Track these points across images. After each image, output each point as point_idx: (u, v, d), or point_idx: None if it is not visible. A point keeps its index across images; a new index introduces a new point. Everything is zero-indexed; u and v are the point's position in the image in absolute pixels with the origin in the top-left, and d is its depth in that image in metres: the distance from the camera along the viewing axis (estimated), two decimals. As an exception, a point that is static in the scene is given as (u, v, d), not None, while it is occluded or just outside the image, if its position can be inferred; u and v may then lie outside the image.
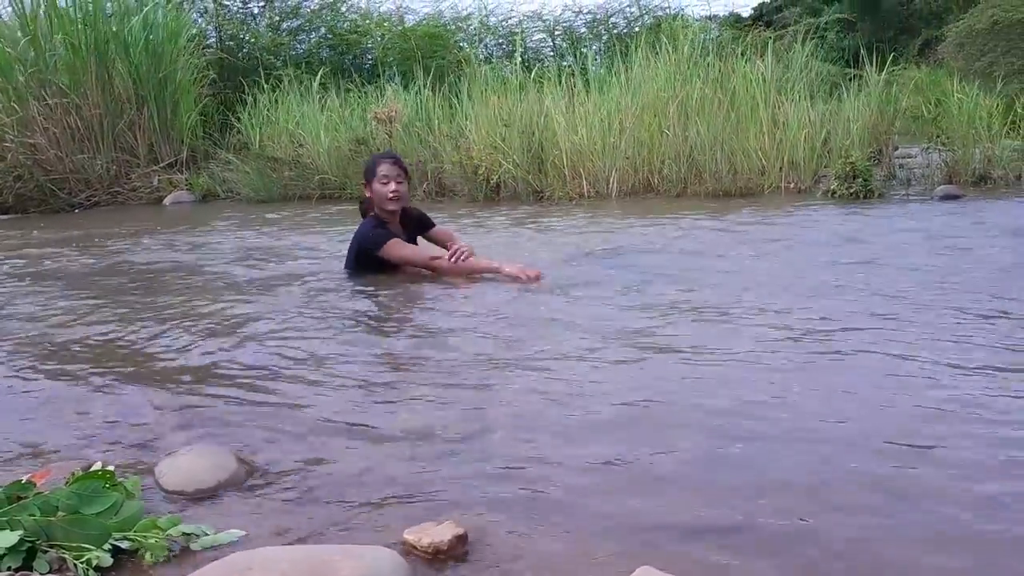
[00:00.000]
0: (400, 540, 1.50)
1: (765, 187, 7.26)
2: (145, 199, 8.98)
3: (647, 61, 7.96)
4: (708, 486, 1.70)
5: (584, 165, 7.62)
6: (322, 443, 2.02)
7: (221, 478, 1.80)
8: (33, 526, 1.46)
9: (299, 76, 9.53)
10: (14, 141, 8.60)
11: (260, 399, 2.35)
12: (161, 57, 9.11)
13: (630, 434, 1.99)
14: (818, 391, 2.25)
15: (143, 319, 3.38)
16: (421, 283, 3.85)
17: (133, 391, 2.45)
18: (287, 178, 8.64)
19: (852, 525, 1.52)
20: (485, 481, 1.76)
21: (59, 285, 4.28)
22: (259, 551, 1.29)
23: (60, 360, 2.82)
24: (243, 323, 3.25)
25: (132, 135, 9.11)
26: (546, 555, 1.46)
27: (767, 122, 7.32)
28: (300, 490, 1.79)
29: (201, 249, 5.49)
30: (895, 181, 7.34)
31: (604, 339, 2.80)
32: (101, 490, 1.54)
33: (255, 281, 4.21)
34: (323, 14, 11.93)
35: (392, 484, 1.78)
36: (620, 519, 1.57)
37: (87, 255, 5.37)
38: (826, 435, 1.94)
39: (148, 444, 2.05)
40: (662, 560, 1.34)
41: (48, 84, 8.70)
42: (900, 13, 23.03)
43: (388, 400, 2.32)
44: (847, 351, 2.58)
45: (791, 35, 9.26)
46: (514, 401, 2.25)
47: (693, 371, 2.45)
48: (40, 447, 2.04)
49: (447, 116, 8.49)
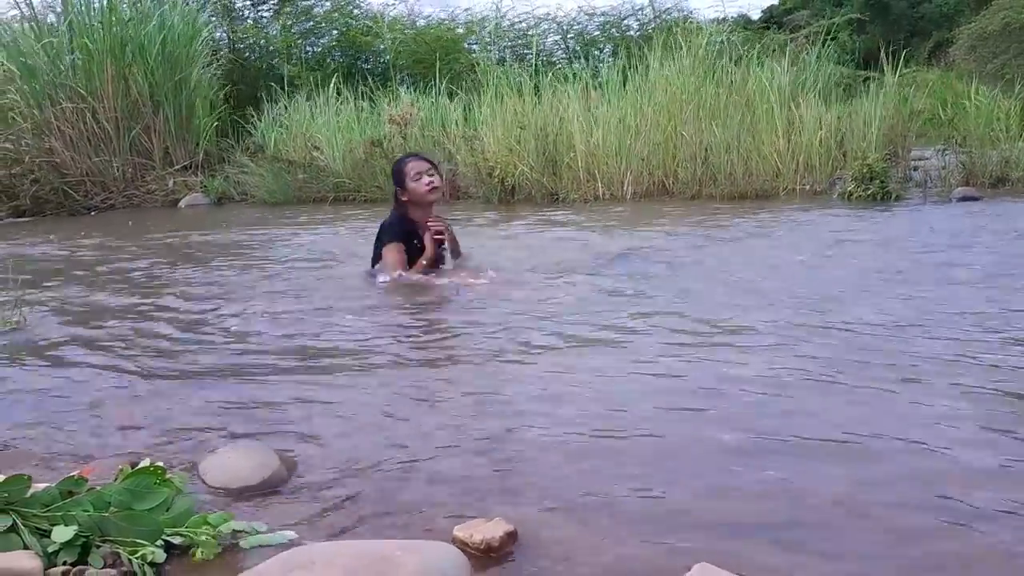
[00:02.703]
0: (450, 537, 1.50)
1: (780, 189, 7.26)
2: (160, 202, 9.02)
3: (662, 64, 7.96)
4: (760, 485, 1.70)
5: (599, 167, 7.63)
6: (361, 440, 2.03)
7: (264, 475, 1.80)
8: (87, 521, 1.47)
9: (312, 79, 9.57)
10: (31, 144, 8.64)
11: (297, 397, 2.36)
12: (177, 61, 9.15)
13: (676, 433, 1.99)
14: (874, 395, 2.22)
15: (178, 318, 3.42)
16: (449, 283, 3.86)
17: (172, 389, 2.47)
18: (301, 180, 8.67)
19: (899, 527, 1.52)
20: (529, 479, 1.76)
21: (95, 284, 4.32)
22: (318, 546, 1.30)
23: (101, 357, 2.85)
24: (276, 322, 3.28)
25: (148, 138, 9.16)
26: (597, 553, 1.46)
27: (782, 124, 7.32)
28: (342, 487, 1.79)
29: (225, 250, 5.51)
30: (911, 183, 7.33)
31: (642, 337, 2.81)
32: (152, 486, 1.55)
33: (287, 280, 4.25)
34: (334, 17, 11.97)
35: (435, 481, 1.79)
36: (670, 517, 1.56)
37: (117, 256, 5.40)
38: (876, 437, 1.93)
39: (188, 441, 2.06)
40: (717, 558, 1.34)
41: (65, 88, 8.75)
42: (910, 16, 23.00)
43: (427, 398, 2.33)
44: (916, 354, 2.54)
45: (804, 37, 9.26)
46: (554, 400, 2.25)
47: (736, 370, 2.44)
48: (83, 443, 2.05)
49: (462, 118, 8.51)
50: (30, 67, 8.83)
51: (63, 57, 8.89)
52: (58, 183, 8.67)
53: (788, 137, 7.34)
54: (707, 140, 7.32)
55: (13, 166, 8.51)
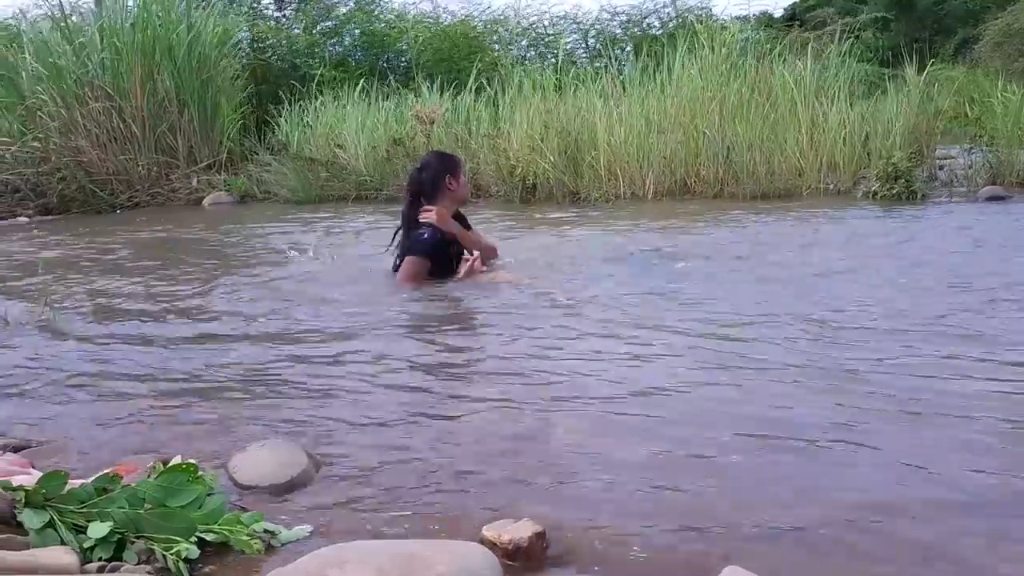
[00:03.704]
0: (478, 537, 1.51)
1: (803, 189, 7.21)
2: (184, 200, 9.09)
3: (684, 62, 7.93)
4: (791, 488, 1.69)
5: (621, 166, 7.61)
6: (387, 440, 2.04)
7: (293, 474, 1.82)
8: (122, 518, 1.49)
9: (335, 77, 9.62)
10: (58, 143, 8.75)
11: (324, 395, 2.38)
12: (203, 61, 9.23)
13: (706, 435, 1.98)
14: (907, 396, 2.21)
15: (205, 316, 3.45)
16: (473, 284, 3.87)
17: (200, 386, 2.50)
18: (323, 179, 8.72)
19: (934, 531, 1.51)
20: (555, 480, 1.77)
21: (124, 280, 4.37)
22: (352, 545, 1.31)
23: (129, 354, 2.89)
24: (303, 321, 3.31)
25: (172, 137, 9.24)
26: (626, 555, 1.46)
27: (806, 123, 7.27)
28: (370, 486, 1.80)
29: (248, 248, 5.56)
30: (936, 182, 7.25)
31: (671, 337, 2.80)
32: (185, 483, 1.57)
33: (314, 279, 4.27)
34: (356, 15, 12.01)
35: (462, 481, 1.80)
36: (700, 519, 1.56)
37: (145, 252, 5.47)
38: (913, 440, 1.92)
39: (217, 439, 2.08)
40: (748, 561, 1.34)
41: (93, 87, 8.85)
42: (935, 13, 22.73)
43: (452, 398, 2.34)
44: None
45: (828, 35, 9.18)
46: (582, 401, 2.25)
47: (766, 369, 2.43)
48: (114, 440, 2.09)
49: (485, 117, 8.52)
50: (58, 67, 8.94)
51: (92, 57, 8.99)
52: (85, 182, 8.77)
53: (811, 136, 7.28)
54: (730, 139, 7.28)
55: (41, 165, 8.62)
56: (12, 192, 8.51)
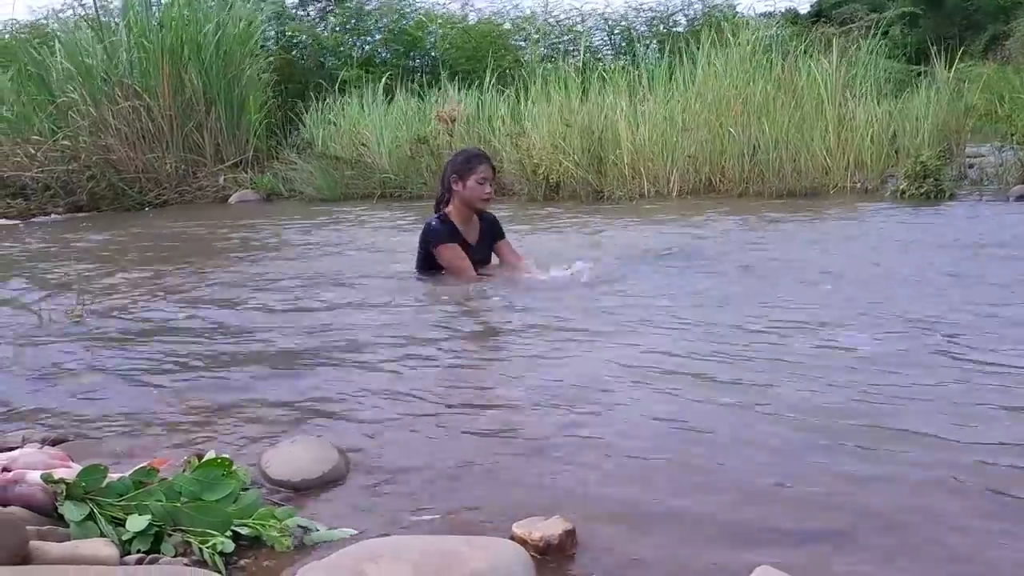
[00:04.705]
0: (508, 534, 1.52)
1: (830, 187, 7.15)
2: (211, 198, 9.21)
3: (710, 59, 7.89)
4: (823, 490, 1.68)
5: (644, 164, 7.60)
6: (418, 436, 2.06)
7: (324, 470, 1.84)
8: (160, 511, 1.52)
9: (362, 76, 9.68)
10: (88, 142, 8.89)
11: (354, 392, 2.40)
12: (230, 59, 9.34)
13: (739, 436, 1.97)
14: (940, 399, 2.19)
15: (237, 313, 3.50)
16: (500, 281, 3.88)
17: (231, 382, 2.54)
18: (348, 177, 8.78)
19: (966, 534, 1.50)
20: (585, 479, 1.77)
21: (156, 277, 4.44)
22: (385, 540, 1.33)
23: (160, 351, 2.93)
24: (334, 318, 3.35)
25: (200, 135, 9.36)
26: (657, 554, 1.46)
27: (833, 121, 7.21)
28: (400, 483, 1.82)
29: (280, 245, 5.62)
30: (966, 181, 7.16)
31: (702, 337, 2.80)
32: (220, 478, 1.60)
33: (344, 276, 4.31)
34: (384, 14, 12.06)
35: (491, 479, 1.81)
36: (732, 520, 1.56)
37: (174, 247, 5.54)
38: (944, 443, 1.90)
39: (249, 435, 2.11)
40: (779, 563, 1.34)
41: (122, 86, 8.98)
42: (964, 8, 22.40)
43: (484, 395, 2.36)
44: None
45: (856, 31, 9.09)
46: (612, 399, 2.25)
47: (800, 371, 2.41)
48: (144, 436, 2.12)
49: (509, 115, 8.54)
50: (88, 66, 9.07)
51: (121, 56, 9.12)
52: (114, 180, 8.91)
53: (838, 134, 7.22)
54: (755, 137, 7.24)
55: (71, 163, 8.76)
56: (43, 190, 8.66)
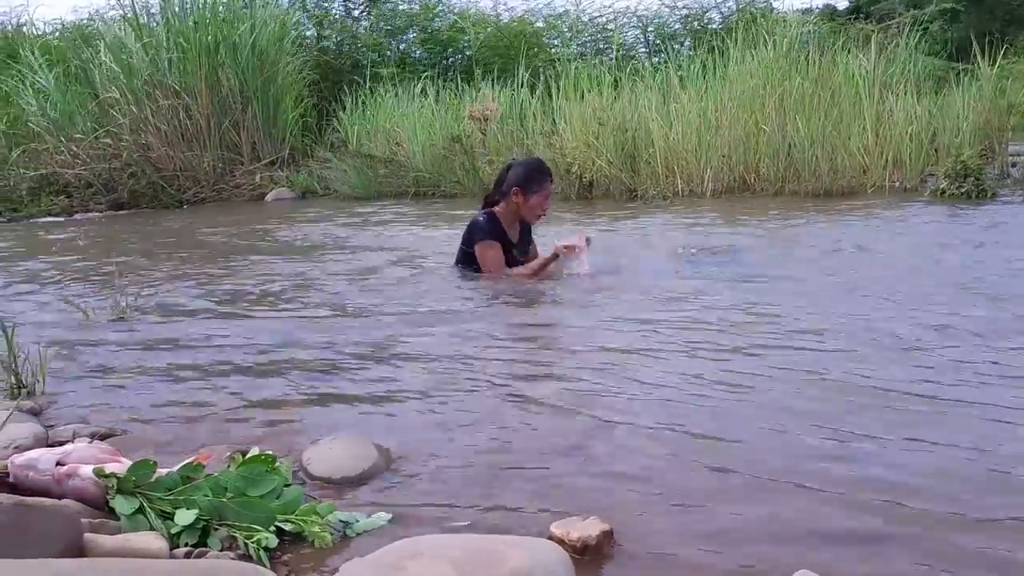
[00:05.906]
0: (546, 534, 1.54)
1: (867, 186, 7.05)
2: (248, 196, 9.34)
3: (744, 56, 7.83)
4: (860, 494, 1.67)
5: (678, 163, 7.56)
6: (456, 435, 2.08)
7: (364, 467, 1.88)
8: (207, 506, 1.56)
9: (398, 75, 9.75)
10: (129, 140, 9.06)
11: (393, 391, 2.43)
12: (266, 58, 9.46)
13: (775, 438, 1.97)
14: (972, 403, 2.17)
15: (274, 312, 3.56)
16: (537, 281, 3.90)
17: (271, 381, 2.58)
18: (382, 175, 8.85)
19: (998, 539, 1.49)
20: (623, 480, 1.78)
21: (193, 274, 4.52)
22: (425, 538, 1.35)
23: (201, 348, 2.99)
24: (371, 317, 3.39)
25: (236, 134, 9.50)
26: (694, 556, 1.47)
27: (871, 119, 7.11)
28: (438, 481, 1.84)
29: (317, 243, 5.68)
30: (1008, 180, 7.02)
31: (737, 338, 2.79)
32: (264, 474, 1.63)
33: (380, 276, 4.37)
34: (420, 14, 12.13)
35: (529, 478, 1.82)
36: (769, 523, 1.56)
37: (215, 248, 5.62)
38: (975, 448, 1.89)
39: (291, 432, 2.15)
40: (817, 567, 1.34)
41: (161, 86, 9.14)
42: (1006, 4, 21.93)
43: (517, 396, 2.36)
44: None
45: (895, 27, 8.96)
46: (649, 401, 2.26)
47: (834, 374, 2.40)
48: (187, 431, 2.17)
49: (541, 114, 8.54)
50: (130, 65, 9.25)
51: (161, 55, 9.29)
52: (154, 177, 9.07)
53: (876, 132, 7.12)
54: (791, 135, 7.17)
55: (112, 161, 8.94)
56: (85, 187, 8.86)
